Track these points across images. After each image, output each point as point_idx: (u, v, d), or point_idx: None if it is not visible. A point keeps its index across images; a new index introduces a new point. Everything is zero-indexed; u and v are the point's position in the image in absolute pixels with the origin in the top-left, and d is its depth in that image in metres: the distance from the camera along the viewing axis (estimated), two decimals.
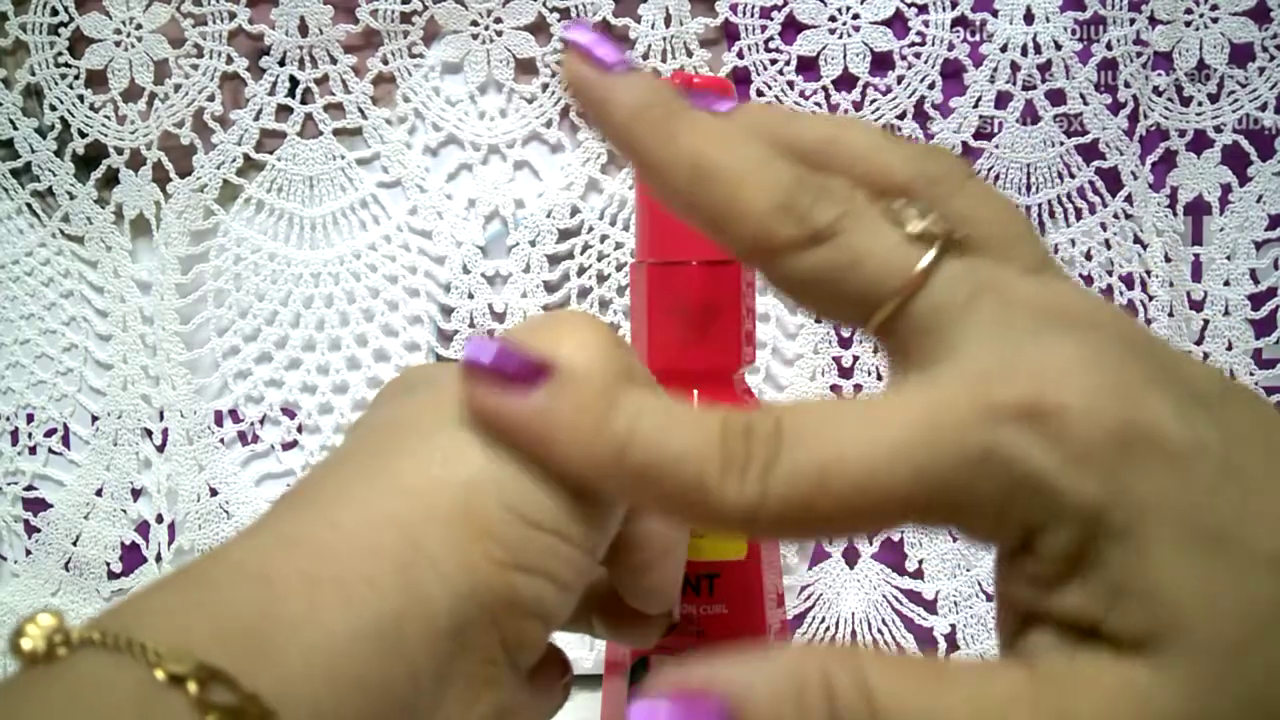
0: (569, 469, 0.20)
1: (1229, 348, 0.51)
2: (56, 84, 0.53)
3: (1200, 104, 0.50)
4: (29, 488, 0.55)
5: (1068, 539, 0.18)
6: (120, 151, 0.52)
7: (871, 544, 0.51)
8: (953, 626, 0.50)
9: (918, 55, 0.49)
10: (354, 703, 0.18)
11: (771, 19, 0.49)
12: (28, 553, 0.56)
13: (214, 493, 0.54)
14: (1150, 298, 0.50)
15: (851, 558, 0.51)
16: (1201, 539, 0.18)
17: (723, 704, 0.18)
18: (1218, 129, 0.50)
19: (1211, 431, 0.18)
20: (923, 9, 0.49)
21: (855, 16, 0.49)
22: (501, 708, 0.21)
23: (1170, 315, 0.50)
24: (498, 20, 0.50)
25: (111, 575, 0.55)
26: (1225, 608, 0.17)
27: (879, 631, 0.51)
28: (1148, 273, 0.50)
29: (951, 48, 0.49)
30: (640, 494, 0.20)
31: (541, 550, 0.21)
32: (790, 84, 0.50)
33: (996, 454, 0.18)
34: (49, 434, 0.55)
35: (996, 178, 0.50)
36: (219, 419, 0.54)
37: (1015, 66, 0.49)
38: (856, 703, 0.17)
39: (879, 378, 0.51)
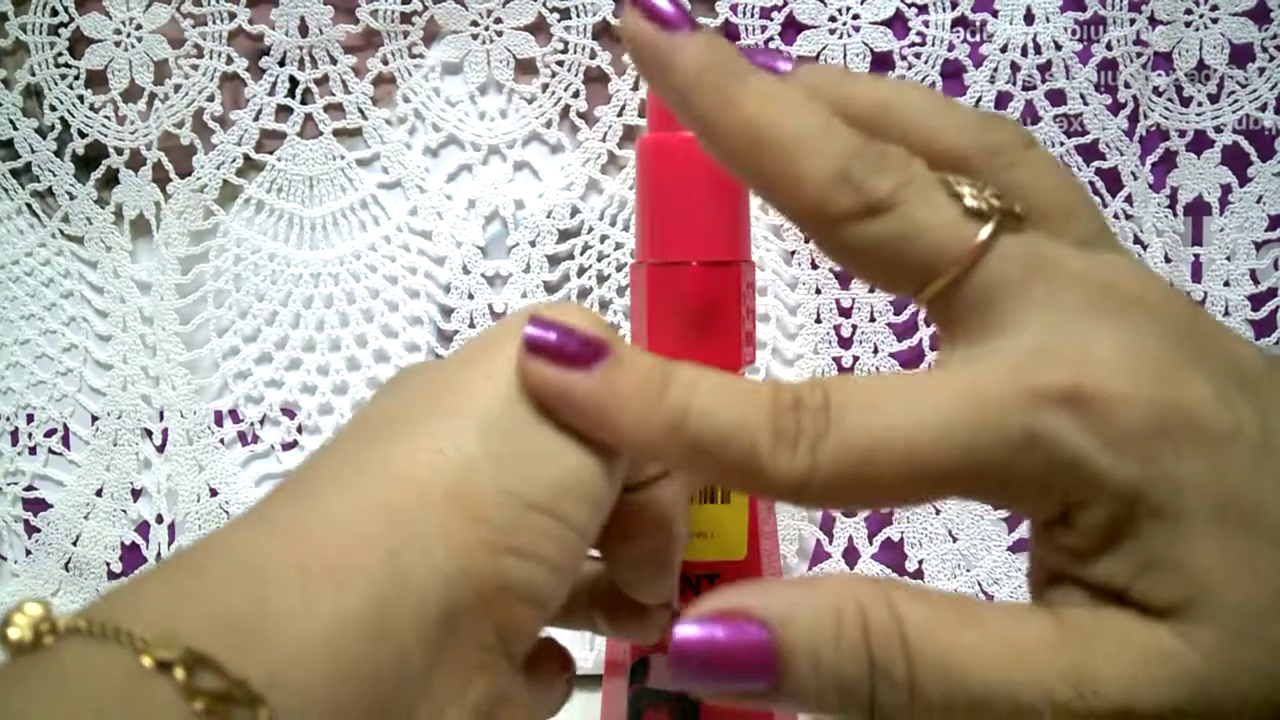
0: (626, 442, 0.21)
1: None
2: (56, 84, 0.53)
3: (1200, 104, 0.50)
4: (29, 488, 0.55)
5: (1105, 515, 0.19)
6: (120, 152, 0.52)
7: (872, 544, 0.51)
8: None
9: (918, 55, 0.49)
10: (344, 688, 0.18)
11: (771, 19, 0.49)
12: (28, 553, 0.56)
13: (214, 493, 0.54)
14: None
15: (851, 558, 0.51)
16: (1234, 518, 0.18)
17: (764, 628, 0.19)
18: (1218, 129, 0.50)
19: (1251, 414, 0.19)
20: (923, 9, 0.49)
21: (855, 17, 0.49)
22: (495, 695, 0.21)
23: None
24: (498, 20, 0.50)
25: (111, 575, 0.55)
26: (1252, 582, 0.18)
27: None
28: None
29: (951, 48, 0.49)
30: (694, 465, 0.21)
31: (535, 531, 0.21)
32: None
33: (1038, 436, 0.19)
34: (49, 434, 0.55)
35: None
36: (219, 419, 0.54)
37: (1015, 67, 0.49)
38: (889, 634, 0.18)
39: None
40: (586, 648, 0.51)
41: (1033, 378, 0.19)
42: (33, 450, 0.55)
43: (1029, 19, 0.49)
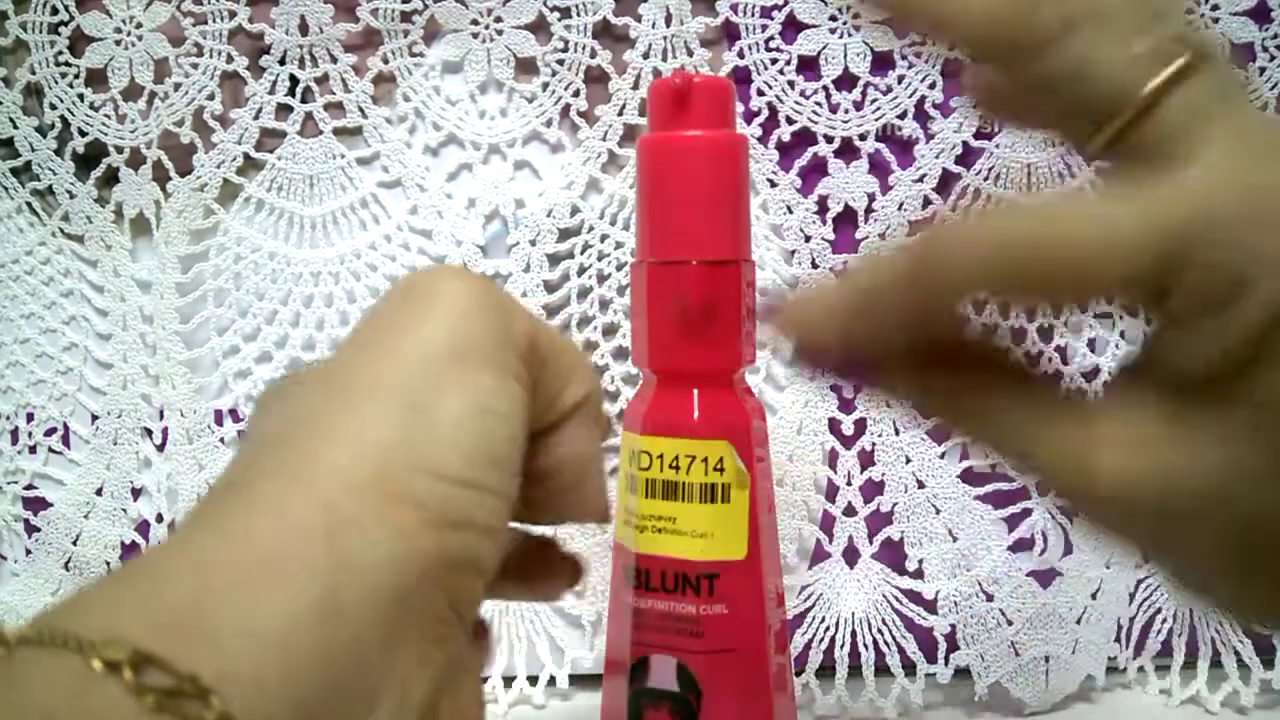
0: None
1: None
2: (57, 83, 0.53)
3: None
4: (29, 487, 0.55)
5: (1259, 315, 0.19)
6: (120, 150, 0.52)
7: (872, 544, 0.51)
8: (952, 626, 0.50)
9: (918, 54, 0.49)
10: (299, 675, 0.19)
11: (772, 18, 0.49)
12: (28, 552, 0.56)
13: None
14: None
15: (851, 558, 0.51)
16: None
17: None
18: None
19: None
20: None
21: (856, 16, 0.49)
22: (452, 664, 0.22)
23: None
24: (498, 19, 0.50)
25: None
26: None
27: (879, 631, 0.51)
28: None
29: (952, 46, 0.49)
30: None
31: (464, 503, 0.22)
32: (791, 83, 0.49)
33: (1201, 254, 0.19)
34: (49, 433, 0.55)
35: (997, 177, 0.50)
36: (219, 418, 0.54)
37: None
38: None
39: None
40: (586, 648, 0.51)
41: (1206, 200, 0.19)
42: (33, 449, 0.55)
43: None
